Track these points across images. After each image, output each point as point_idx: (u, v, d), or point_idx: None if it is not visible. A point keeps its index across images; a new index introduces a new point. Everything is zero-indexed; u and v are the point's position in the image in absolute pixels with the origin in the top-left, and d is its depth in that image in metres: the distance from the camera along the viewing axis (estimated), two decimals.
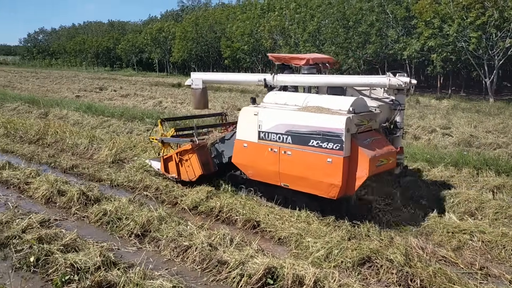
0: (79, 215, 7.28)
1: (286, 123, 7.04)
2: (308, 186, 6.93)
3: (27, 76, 46.32)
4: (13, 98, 22.01)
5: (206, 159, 8.58)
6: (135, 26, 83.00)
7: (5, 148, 11.93)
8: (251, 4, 51.89)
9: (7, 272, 5.31)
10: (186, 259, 5.75)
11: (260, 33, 42.07)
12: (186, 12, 72.09)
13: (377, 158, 6.63)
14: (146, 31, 65.20)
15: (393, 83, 7.21)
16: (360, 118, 6.77)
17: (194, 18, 54.88)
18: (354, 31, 32.82)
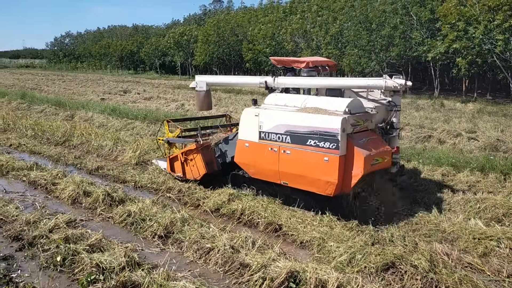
0: (104, 216, 7.40)
1: (285, 123, 7.36)
2: (306, 184, 7.22)
3: (53, 79, 47.39)
4: (40, 101, 22.57)
5: (210, 159, 8.87)
6: (158, 30, 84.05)
7: (33, 150, 12.23)
8: (273, 7, 51.96)
9: (35, 270, 5.44)
10: (208, 261, 5.78)
11: (281, 36, 42.05)
12: (209, 16, 72.63)
13: (372, 157, 6.91)
14: (169, 35, 65.95)
15: (389, 85, 7.46)
16: (356, 119, 7.08)
17: (216, 22, 55.25)
18: (377, 33, 32.50)
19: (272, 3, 54.09)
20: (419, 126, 16.10)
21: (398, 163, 7.92)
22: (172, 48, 62.83)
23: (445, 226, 6.81)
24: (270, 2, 55.07)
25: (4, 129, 15.05)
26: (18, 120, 15.91)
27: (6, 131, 14.88)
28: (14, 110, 19.89)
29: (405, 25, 31.15)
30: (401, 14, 31.19)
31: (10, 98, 23.94)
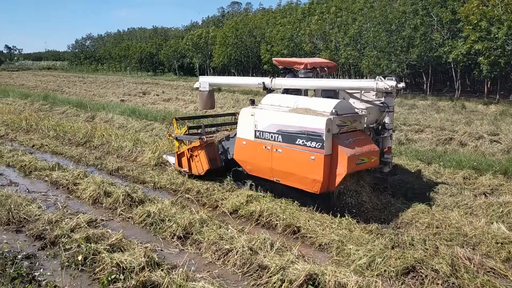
0: (124, 216, 7.50)
1: (277, 123, 7.70)
2: (295, 181, 7.56)
3: (74, 81, 48.17)
4: (62, 102, 22.97)
5: (213, 155, 9.36)
6: (177, 32, 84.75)
7: (55, 150, 12.46)
8: (291, 8, 51.89)
9: (57, 269, 5.54)
10: (227, 262, 5.80)
11: (300, 37, 41.93)
12: (227, 18, 72.92)
13: (357, 157, 7.13)
14: (187, 37, 66.44)
15: (380, 86, 7.64)
16: (343, 119, 7.32)
17: (234, 24, 55.42)
18: (397, 34, 32.13)
19: (291, 4, 54.06)
20: (439, 128, 15.87)
21: (390, 163, 8.15)
22: (191, 50, 63.27)
23: (467, 230, 6.69)
24: (288, 3, 55.06)
25: (27, 130, 15.36)
26: (41, 121, 16.24)
27: (29, 132, 15.18)
28: (36, 111, 20.28)
29: (425, 26, 30.73)
30: (421, 15, 30.78)
31: (33, 99, 24.43)
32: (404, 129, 15.97)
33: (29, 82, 44.91)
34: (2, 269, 5.28)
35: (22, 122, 16.10)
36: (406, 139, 14.14)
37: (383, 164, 8.02)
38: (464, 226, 6.87)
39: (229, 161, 9.22)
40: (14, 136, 14.37)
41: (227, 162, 9.35)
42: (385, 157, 8.00)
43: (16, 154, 11.51)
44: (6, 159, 11.13)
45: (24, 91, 31.57)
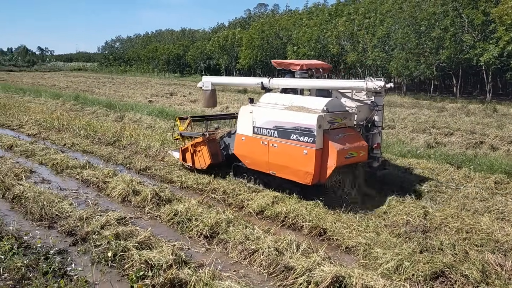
0: (152, 214, 7.61)
1: (273, 120, 8.25)
2: (289, 174, 8.10)
3: (104, 82, 49.21)
4: (92, 102, 23.49)
5: (215, 151, 9.91)
6: (203, 33, 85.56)
7: (85, 149, 12.76)
8: (318, 9, 51.66)
9: (87, 265, 5.67)
10: (253, 262, 5.82)
11: (327, 38, 41.69)
12: (253, 20, 73.14)
13: (346, 151, 7.65)
14: (214, 38, 66.98)
15: (370, 86, 8.16)
16: (333, 116, 7.84)
17: (261, 25, 55.54)
18: (426, 36, 31.58)
19: (317, 5, 53.81)
20: (470, 132, 15.53)
21: (379, 158, 8.69)
22: (217, 51, 63.78)
23: (498, 236, 6.52)
24: (315, 4, 54.82)
25: (59, 129, 15.78)
26: (72, 121, 16.66)
27: (61, 131, 15.59)
28: (68, 111, 20.81)
29: (456, 28, 30.09)
30: (452, 16, 30.16)
31: (64, 99, 25.07)
32: (433, 132, 15.69)
33: (60, 83, 46.10)
34: (35, 263, 5.44)
35: (54, 122, 16.56)
36: (435, 142, 13.88)
37: (373, 159, 8.59)
38: (495, 231, 6.70)
39: (230, 156, 9.76)
40: (46, 135, 14.77)
41: (228, 157, 9.88)
42: (374, 152, 8.57)
43: (48, 152, 11.82)
44: (39, 157, 11.45)
45: (55, 91, 32.43)
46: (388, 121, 18.59)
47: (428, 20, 31.47)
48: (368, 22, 37.76)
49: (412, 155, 11.63)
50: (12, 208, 7.81)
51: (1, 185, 8.73)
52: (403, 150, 12.22)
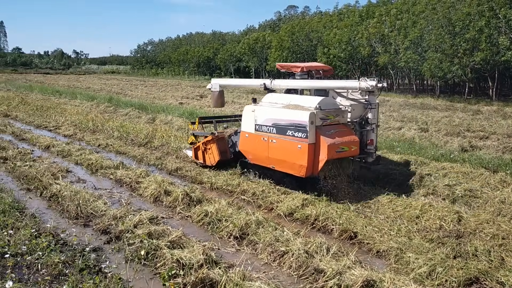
0: (183, 215, 7.73)
1: (272, 117, 8.88)
2: (286, 167, 8.74)
3: (136, 84, 50.23)
4: (125, 104, 24.03)
5: (224, 148, 10.62)
6: (233, 36, 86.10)
7: (119, 150, 13.07)
8: (349, 11, 51.17)
9: (121, 263, 5.82)
10: (282, 264, 5.82)
11: (358, 40, 41.23)
12: (283, 22, 73.10)
13: (336, 146, 8.17)
14: (243, 41, 67.31)
15: (363, 86, 8.66)
16: (326, 114, 8.43)
17: (290, 27, 55.46)
18: (460, 37, 30.78)
19: (348, 7, 53.31)
20: (506, 136, 15.05)
21: (373, 153, 9.19)
22: (247, 53, 64.04)
23: None
24: (346, 6, 54.33)
25: (93, 130, 16.22)
26: (106, 122, 17.10)
27: (95, 132, 16.03)
28: (102, 113, 21.36)
29: (491, 28, 29.20)
30: (487, 17, 29.29)
31: (99, 101, 25.74)
32: (468, 136, 15.30)
33: (94, 85, 47.34)
34: (71, 260, 5.60)
35: (89, 123, 17.04)
36: (470, 146, 13.53)
37: (366, 154, 9.16)
38: None
39: (237, 153, 10.41)
40: (81, 136, 15.21)
41: (235, 154, 10.56)
42: (368, 148, 9.13)
43: (83, 153, 12.17)
44: (74, 157, 11.80)
45: (90, 93, 33.35)
46: (420, 124, 18.25)
47: (462, 21, 30.67)
48: (400, 23, 37.10)
49: (446, 159, 11.38)
50: (49, 207, 8.09)
51: (39, 184, 9.05)
52: (437, 153, 11.97)
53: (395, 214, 7.59)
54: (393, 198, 8.22)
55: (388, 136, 15.83)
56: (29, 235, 6.13)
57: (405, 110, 24.34)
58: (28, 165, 10.56)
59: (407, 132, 16.51)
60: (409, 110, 24.38)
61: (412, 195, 8.74)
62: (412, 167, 10.61)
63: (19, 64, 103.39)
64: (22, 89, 38.08)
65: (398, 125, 18.34)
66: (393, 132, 16.72)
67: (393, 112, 23.62)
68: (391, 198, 8.22)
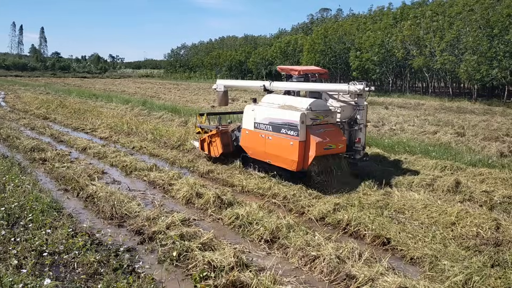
0: (214, 217, 7.78)
1: (269, 116, 9.80)
2: (281, 162, 9.63)
3: (169, 88, 51.05)
4: (159, 108, 24.46)
5: (227, 142, 11.50)
6: (265, 39, 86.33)
7: (152, 152, 13.31)
8: (382, 13, 50.45)
9: (154, 263, 5.92)
10: (313, 269, 5.77)
11: (392, 43, 40.56)
12: (316, 24, 72.75)
13: (324, 143, 9.03)
14: (275, 44, 67.39)
15: (352, 89, 9.45)
16: (316, 114, 9.29)
17: (323, 30, 55.12)
18: (499, 39, 29.81)
19: (382, 9, 52.56)
20: None
21: (361, 151, 10.01)
22: (278, 57, 64.07)
23: None
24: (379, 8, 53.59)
25: (128, 133, 16.59)
26: (140, 125, 17.45)
27: (130, 134, 16.38)
28: (136, 115, 21.82)
29: None
30: None
31: (133, 104, 26.31)
32: (507, 140, 14.81)
33: (129, 89, 48.41)
34: (106, 259, 5.74)
35: (123, 126, 17.44)
36: (510, 151, 13.08)
37: (354, 152, 10.00)
38: None
39: (239, 147, 11.19)
40: (117, 138, 15.57)
41: (238, 148, 11.30)
42: (356, 146, 9.94)
43: (118, 155, 12.46)
44: (110, 159, 12.10)
45: (125, 97, 34.13)
46: (457, 128, 17.78)
47: (501, 22, 29.71)
48: (436, 25, 36.28)
49: (483, 164, 11.03)
50: (85, 207, 8.31)
51: (76, 185, 9.32)
52: (474, 159, 11.62)
53: (429, 221, 7.40)
54: (428, 204, 8.02)
55: (423, 140, 15.49)
56: (66, 235, 6.31)
57: (440, 114, 23.77)
58: (66, 167, 10.89)
59: (442, 137, 16.10)
60: (445, 114, 23.79)
61: (447, 201, 8.50)
62: (448, 172, 10.34)
63: (58, 68, 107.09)
64: (61, 92, 39.38)
65: (433, 129, 17.92)
66: (428, 137, 16.34)
67: (428, 116, 23.10)
68: (425, 204, 8.02)
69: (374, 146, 13.59)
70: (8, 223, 6.64)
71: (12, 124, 18.61)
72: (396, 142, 14.12)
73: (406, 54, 38.99)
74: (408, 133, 17.24)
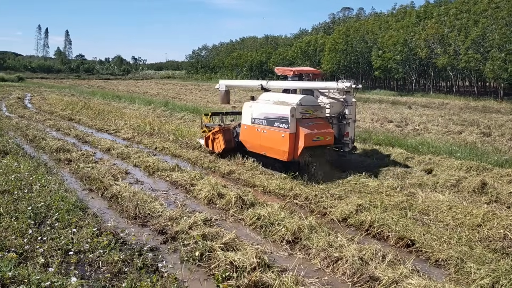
0: (236, 217, 7.80)
1: (264, 112, 10.68)
2: (274, 153, 10.45)
3: (191, 89, 51.47)
4: (180, 108, 24.68)
5: (229, 138, 12.20)
6: (286, 40, 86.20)
7: (174, 153, 13.43)
8: (405, 12, 49.77)
9: (177, 263, 5.96)
10: (336, 270, 5.72)
11: (415, 41, 39.95)
12: (337, 24, 72.26)
13: (313, 135, 9.80)
14: (296, 44, 67.21)
15: (340, 86, 10.20)
16: (305, 109, 10.09)
17: (345, 30, 54.69)
18: None
19: (405, 8, 51.85)
20: None
21: (349, 144, 10.72)
22: (299, 57, 63.89)
23: None
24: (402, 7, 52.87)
25: (150, 134, 16.78)
26: (162, 126, 17.64)
27: (152, 135, 16.57)
28: (158, 116, 22.06)
29: None
30: None
31: (155, 106, 26.61)
32: None
33: (151, 90, 48.99)
34: (130, 258, 5.81)
35: (146, 127, 17.65)
36: None
37: (343, 144, 10.72)
38: None
39: (240, 143, 11.95)
40: (139, 139, 15.77)
41: (239, 144, 12.05)
42: (344, 139, 10.68)
43: (141, 155, 12.62)
44: (133, 159, 12.26)
45: (147, 98, 34.55)
46: (482, 128, 17.41)
47: None
48: (460, 23, 35.58)
49: (511, 165, 10.76)
50: (110, 206, 8.43)
51: (100, 184, 9.47)
52: (500, 159, 11.35)
53: (455, 222, 7.25)
54: (453, 205, 7.87)
55: (447, 140, 15.21)
56: (91, 234, 6.41)
57: (465, 113, 23.29)
58: (90, 167, 11.07)
59: (468, 137, 15.79)
60: (470, 113, 23.31)
61: (473, 202, 8.32)
62: (473, 173, 10.13)
63: (82, 70, 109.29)
64: (85, 94, 40.14)
65: (458, 129, 17.58)
66: (453, 137, 16.04)
67: (452, 115, 22.67)
68: (451, 205, 7.87)
69: (397, 146, 13.41)
70: (35, 222, 6.79)
71: (38, 125, 19.05)
72: (420, 142, 13.90)
73: (430, 53, 38.37)
74: (432, 133, 16.96)
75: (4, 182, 8.70)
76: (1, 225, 6.48)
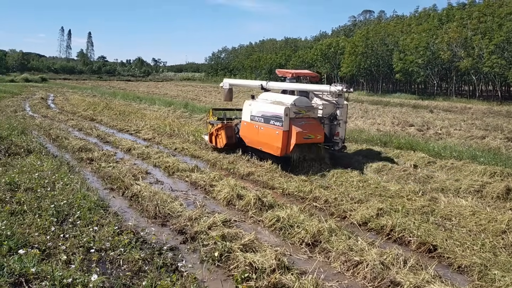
0: (255, 219, 7.79)
1: (262, 110, 11.63)
2: (269, 149, 11.38)
3: (210, 91, 51.75)
4: (199, 110, 24.81)
5: (231, 134, 13.10)
6: (306, 42, 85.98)
7: (194, 154, 13.49)
8: (427, 15, 49.14)
9: (196, 263, 5.98)
10: (356, 274, 5.66)
11: (437, 45, 39.39)
12: (358, 27, 71.77)
13: (304, 133, 10.71)
14: (316, 46, 66.97)
15: (332, 89, 11.20)
16: (298, 109, 11.01)
17: (365, 32, 54.26)
18: None
19: (428, 11, 51.20)
20: None
21: (339, 143, 11.63)
22: (319, 60, 63.63)
23: None
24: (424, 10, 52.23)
25: (170, 135, 16.92)
26: (182, 127, 17.77)
27: (172, 136, 16.70)
28: (178, 118, 22.23)
29: None
30: None
31: (175, 107, 26.83)
32: None
33: (171, 92, 49.42)
34: (150, 257, 5.85)
35: (166, 128, 17.80)
36: None
37: (333, 143, 11.61)
38: None
39: (241, 139, 12.82)
40: (159, 140, 15.90)
41: (240, 140, 12.89)
42: (335, 138, 11.58)
43: (161, 156, 12.72)
44: (153, 160, 12.36)
45: (167, 99, 34.85)
46: (507, 133, 17.05)
47: None
48: (484, 26, 34.95)
49: None
50: (130, 206, 8.51)
51: (121, 184, 9.57)
52: None
53: (478, 228, 7.10)
54: (476, 211, 7.71)
55: (470, 145, 14.93)
56: (112, 232, 6.48)
57: (489, 118, 22.86)
58: (112, 166, 11.20)
59: (491, 142, 15.47)
60: (494, 118, 22.86)
61: (497, 208, 8.14)
62: (497, 178, 9.91)
63: (104, 71, 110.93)
64: (106, 95, 40.71)
65: (481, 133, 17.26)
66: (476, 141, 15.75)
67: (475, 120, 22.28)
68: (474, 211, 7.71)
69: (418, 150, 13.22)
70: (58, 220, 6.89)
71: (61, 125, 19.39)
72: (442, 147, 13.67)
73: (453, 56, 37.79)
74: (455, 138, 16.67)
75: (28, 180, 8.86)
76: (24, 222, 6.60)
